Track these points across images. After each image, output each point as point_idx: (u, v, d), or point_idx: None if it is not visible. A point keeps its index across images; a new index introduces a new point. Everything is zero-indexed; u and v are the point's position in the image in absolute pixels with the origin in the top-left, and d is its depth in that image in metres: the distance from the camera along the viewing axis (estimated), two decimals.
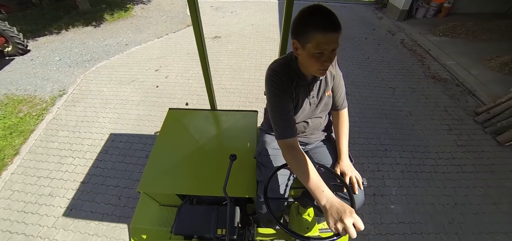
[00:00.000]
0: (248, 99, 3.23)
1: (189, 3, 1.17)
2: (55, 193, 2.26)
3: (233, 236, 1.00)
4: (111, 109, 3.14)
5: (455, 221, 2.05)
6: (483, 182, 2.32)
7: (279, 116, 0.96)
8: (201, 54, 1.42)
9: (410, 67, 3.91)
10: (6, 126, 3.06)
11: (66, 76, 3.95)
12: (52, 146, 2.72)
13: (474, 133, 2.79)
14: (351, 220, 0.70)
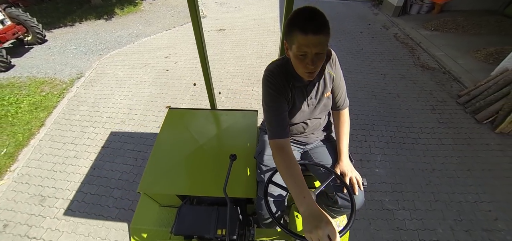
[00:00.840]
0: (249, 81, 3.53)
1: (189, 3, 1.16)
2: (79, 155, 2.57)
3: (233, 237, 1.00)
4: (125, 89, 3.45)
5: (432, 183, 2.31)
6: (460, 153, 2.58)
7: (272, 116, 0.96)
8: (201, 54, 1.41)
9: (401, 58, 4.18)
10: (31, 102, 3.37)
11: (83, 62, 4.27)
12: (74, 118, 3.03)
13: (455, 113, 3.05)
14: (326, 231, 0.67)
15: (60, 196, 2.22)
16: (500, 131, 2.78)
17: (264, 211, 1.14)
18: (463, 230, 1.99)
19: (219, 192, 1.12)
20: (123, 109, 3.10)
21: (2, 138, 2.88)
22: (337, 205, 1.08)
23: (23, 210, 2.15)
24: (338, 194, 1.06)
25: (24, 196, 2.26)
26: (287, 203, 1.19)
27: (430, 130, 2.82)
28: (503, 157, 2.54)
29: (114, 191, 2.23)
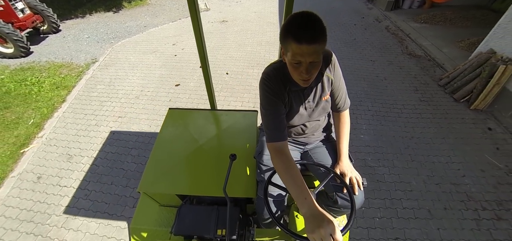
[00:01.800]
0: (250, 64, 3.85)
1: (189, 3, 1.16)
2: (99, 124, 2.89)
3: (233, 237, 1.00)
4: (138, 70, 3.77)
5: (410, 148, 2.63)
6: (437, 124, 2.89)
7: (270, 119, 0.96)
8: (201, 54, 1.39)
9: (390, 47, 4.49)
10: (52, 83, 3.69)
11: (96, 49, 4.59)
12: (92, 95, 3.35)
13: (436, 93, 3.36)
14: (328, 231, 0.68)
15: (85, 155, 2.55)
16: (474, 107, 3.09)
17: (264, 211, 1.14)
18: (434, 183, 2.30)
19: (219, 192, 1.12)
20: (136, 87, 3.42)
21: (28, 112, 3.20)
22: (337, 205, 1.08)
23: (53, 166, 2.47)
24: (338, 194, 1.06)
25: (53, 155, 2.58)
26: (287, 202, 1.20)
27: (412, 107, 3.13)
28: (475, 129, 2.85)
29: (132, 150, 2.56)
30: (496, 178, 2.34)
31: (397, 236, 1.94)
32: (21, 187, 2.31)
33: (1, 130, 2.94)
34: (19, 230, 2.01)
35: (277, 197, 1.11)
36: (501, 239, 1.93)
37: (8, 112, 3.19)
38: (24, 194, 2.26)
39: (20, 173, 2.43)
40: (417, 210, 2.10)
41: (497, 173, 2.38)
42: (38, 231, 1.99)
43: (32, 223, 2.04)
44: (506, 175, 2.37)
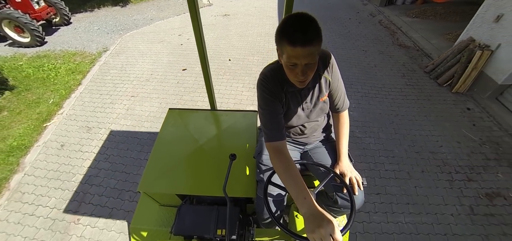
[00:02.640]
0: (251, 52, 4.14)
1: (189, 3, 1.16)
2: (114, 102, 3.18)
3: (233, 236, 0.99)
4: (147, 57, 4.05)
5: (394, 123, 2.90)
6: (420, 105, 3.17)
7: (268, 119, 0.96)
8: (201, 54, 1.39)
9: (382, 38, 4.77)
10: (68, 68, 3.98)
11: (106, 39, 4.87)
12: (106, 78, 3.63)
13: (421, 79, 3.64)
14: (328, 230, 0.68)
15: (102, 127, 2.83)
16: (456, 91, 3.37)
17: (263, 211, 1.15)
18: (414, 152, 2.58)
19: (219, 191, 1.12)
20: (146, 72, 3.71)
21: (47, 93, 3.48)
22: (337, 205, 1.09)
23: (75, 136, 2.76)
24: (338, 194, 1.06)
25: (74, 127, 2.86)
26: (287, 202, 1.20)
27: (398, 90, 3.41)
28: (455, 109, 3.13)
29: (145, 123, 2.84)
30: (470, 148, 2.62)
31: (379, 191, 2.22)
32: (47, 153, 2.60)
33: (24, 108, 3.22)
34: (48, 186, 2.29)
35: (276, 197, 1.11)
36: (470, 195, 2.21)
37: (29, 94, 3.48)
38: (50, 158, 2.54)
39: (45, 142, 2.72)
40: (397, 172, 2.38)
41: (472, 145, 2.66)
42: (65, 186, 2.28)
43: (59, 180, 2.33)
44: (479, 146, 2.65)
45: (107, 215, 2.06)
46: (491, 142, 2.69)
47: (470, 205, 2.15)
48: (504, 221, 2.04)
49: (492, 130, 2.83)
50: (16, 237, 1.96)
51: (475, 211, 2.11)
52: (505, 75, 2.93)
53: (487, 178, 2.35)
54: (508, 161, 2.49)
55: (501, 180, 2.33)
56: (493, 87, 3.08)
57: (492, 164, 2.47)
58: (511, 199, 2.19)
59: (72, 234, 1.95)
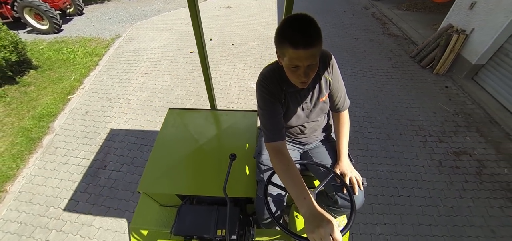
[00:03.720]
0: (252, 38, 4.51)
1: (189, 3, 1.16)
2: (130, 78, 3.54)
3: (233, 237, 1.00)
4: (157, 42, 4.42)
5: (379, 97, 3.26)
6: (403, 83, 3.53)
7: (267, 120, 0.96)
8: (201, 54, 1.38)
9: (374, 28, 5.13)
10: (85, 51, 4.34)
11: (118, 27, 5.24)
12: (121, 59, 4.00)
13: (406, 62, 3.99)
14: (328, 230, 0.67)
15: (121, 97, 3.20)
16: (436, 72, 3.72)
17: (263, 211, 1.15)
18: (394, 119, 2.93)
19: (219, 191, 1.12)
20: (157, 54, 4.07)
21: (68, 72, 3.84)
22: (337, 205, 1.09)
23: (97, 105, 3.12)
24: (338, 194, 1.06)
25: (95, 98, 3.22)
26: (287, 202, 1.20)
27: (385, 71, 3.77)
28: (434, 87, 3.48)
29: (158, 94, 3.21)
30: (444, 117, 2.98)
31: (361, 148, 2.58)
32: (73, 118, 2.96)
33: (49, 83, 3.59)
34: (77, 143, 2.65)
35: (276, 197, 1.11)
36: (440, 153, 2.56)
37: (51, 72, 3.84)
38: (77, 122, 2.90)
39: (71, 110, 3.08)
40: (378, 134, 2.74)
41: (446, 115, 3.02)
42: (91, 142, 2.64)
43: (86, 138, 2.69)
44: (453, 116, 3.00)
45: (129, 163, 2.42)
46: (463, 113, 3.05)
47: (439, 160, 2.50)
48: (467, 172, 2.40)
49: (465, 104, 3.18)
50: (54, 180, 2.32)
51: (443, 164, 2.47)
52: (478, 56, 3.28)
53: (456, 140, 2.70)
54: (476, 127, 2.85)
55: (468, 142, 2.69)
56: (468, 67, 3.43)
57: (462, 130, 2.83)
58: (475, 156, 2.55)
59: (100, 176, 2.32)
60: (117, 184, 2.25)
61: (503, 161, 2.49)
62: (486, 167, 2.44)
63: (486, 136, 2.76)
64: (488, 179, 2.34)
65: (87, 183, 2.27)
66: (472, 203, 2.16)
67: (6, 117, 3.05)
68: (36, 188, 2.27)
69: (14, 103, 3.24)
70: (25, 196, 2.22)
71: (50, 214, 2.08)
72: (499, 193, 2.23)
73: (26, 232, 1.99)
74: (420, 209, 2.12)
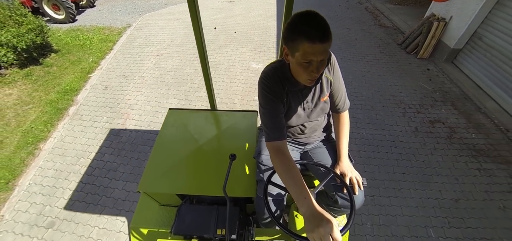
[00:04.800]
0: (253, 27, 4.87)
1: (189, 3, 1.16)
2: (143, 59, 3.91)
3: (233, 236, 1.00)
4: (166, 30, 4.79)
5: (365, 76, 3.62)
6: (389, 66, 3.88)
7: (269, 118, 0.96)
8: (201, 54, 1.38)
9: (366, 20, 5.49)
10: (100, 38, 4.70)
11: (128, 18, 5.61)
12: (134, 44, 4.36)
13: (394, 49, 4.35)
14: (328, 230, 0.68)
15: (136, 75, 3.56)
16: (420, 57, 4.08)
17: (263, 211, 1.16)
18: (379, 94, 3.29)
19: (218, 191, 1.12)
20: (167, 39, 4.44)
21: (85, 55, 4.21)
22: (337, 205, 1.09)
23: (115, 81, 3.48)
24: (338, 194, 1.06)
25: (113, 76, 3.59)
26: (287, 202, 1.21)
27: (373, 56, 4.13)
28: (417, 69, 3.83)
29: (169, 72, 3.58)
30: (423, 94, 3.34)
31: None
32: (95, 92, 3.32)
33: (69, 65, 3.95)
34: (99, 111, 3.02)
35: (276, 197, 1.11)
36: (417, 121, 2.92)
37: (70, 55, 4.21)
38: (98, 95, 3.27)
39: (92, 85, 3.44)
40: (363, 105, 3.10)
41: (425, 92, 3.37)
42: (112, 110, 3.01)
43: (107, 108, 3.05)
44: (431, 93, 3.36)
45: (146, 125, 2.79)
46: (441, 90, 3.41)
47: (415, 126, 2.86)
48: (439, 136, 2.75)
49: (444, 84, 3.54)
50: (82, 139, 2.69)
51: (419, 129, 2.83)
52: (455, 41, 3.64)
53: (432, 112, 3.06)
54: (451, 102, 3.21)
55: (443, 113, 3.05)
56: (448, 52, 3.79)
57: (438, 104, 3.18)
58: (447, 124, 2.90)
59: (122, 135, 2.68)
60: (136, 141, 2.61)
61: (472, 129, 2.85)
62: (456, 133, 2.80)
63: (459, 109, 3.11)
64: (457, 142, 2.70)
65: (111, 140, 2.64)
66: (441, 159, 2.52)
67: (34, 92, 3.41)
68: (67, 145, 2.64)
69: (40, 80, 3.61)
70: (58, 151, 2.58)
71: (81, 163, 2.45)
72: (465, 152, 2.59)
73: (61, 176, 2.35)
74: (395, 162, 2.48)
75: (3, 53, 3.47)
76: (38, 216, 2.08)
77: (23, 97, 3.32)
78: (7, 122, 2.96)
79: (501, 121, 2.92)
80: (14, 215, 2.10)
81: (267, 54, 4.12)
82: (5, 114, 3.05)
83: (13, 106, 3.17)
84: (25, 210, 2.13)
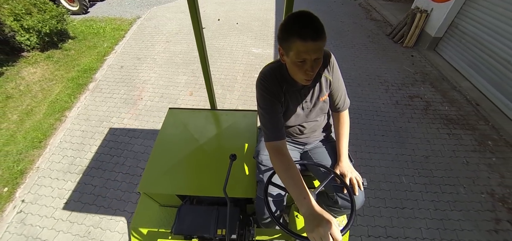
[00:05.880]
0: (253, 19, 5.27)
1: (189, 3, 1.16)
2: (154, 44, 4.29)
3: (233, 236, 1.00)
4: (173, 21, 5.18)
5: (354, 60, 4.01)
6: (376, 53, 4.28)
7: (267, 119, 0.96)
8: (201, 54, 1.39)
9: (358, 14, 5.90)
10: (112, 27, 5.08)
11: (137, 10, 6.00)
12: (145, 32, 4.75)
13: (382, 39, 4.75)
14: (328, 229, 0.69)
15: (148, 57, 3.94)
16: (406, 45, 4.47)
17: (263, 211, 1.16)
18: (365, 74, 3.68)
19: (219, 192, 1.13)
20: (175, 29, 4.83)
21: (100, 42, 4.59)
22: (337, 205, 1.10)
23: (129, 62, 3.86)
24: (338, 194, 1.06)
25: (127, 57, 3.97)
26: (287, 202, 1.21)
27: (362, 44, 4.52)
28: (402, 56, 4.23)
29: (179, 55, 3.97)
30: (406, 75, 3.72)
31: None
32: (111, 71, 3.70)
33: (85, 49, 4.33)
34: (117, 85, 3.39)
35: (276, 197, 1.12)
36: (398, 96, 3.30)
37: (86, 41, 4.58)
38: (115, 73, 3.64)
39: (109, 65, 3.82)
40: (351, 83, 3.49)
41: (407, 74, 3.76)
42: (128, 85, 3.38)
43: (124, 82, 3.43)
44: (413, 74, 3.75)
45: (160, 96, 3.17)
46: (422, 73, 3.80)
47: (396, 100, 3.25)
48: (416, 108, 3.13)
49: (425, 67, 3.93)
50: (103, 107, 3.06)
51: (399, 102, 3.21)
52: (435, 29, 4.04)
53: (412, 89, 3.45)
54: (430, 82, 3.59)
55: (422, 90, 3.43)
56: (429, 40, 4.19)
57: (418, 83, 3.57)
58: (425, 99, 3.29)
59: (139, 104, 3.06)
60: (152, 108, 2.99)
61: (446, 103, 3.24)
62: (432, 106, 3.18)
63: (437, 87, 3.50)
64: (432, 113, 3.08)
65: (129, 108, 3.01)
66: (416, 125, 2.90)
67: (55, 71, 3.79)
68: (90, 112, 3.01)
69: (60, 62, 3.98)
70: (82, 116, 2.95)
71: (104, 126, 2.82)
72: (438, 121, 2.97)
73: (88, 135, 2.72)
74: (376, 127, 2.86)
75: (27, 37, 3.85)
76: (70, 165, 2.45)
77: (46, 75, 3.69)
78: (35, 95, 3.33)
79: (473, 97, 3.31)
80: (49, 165, 2.47)
81: (266, 41, 4.51)
82: (32, 88, 3.43)
83: (38, 82, 3.54)
84: (59, 161, 2.49)
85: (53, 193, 2.22)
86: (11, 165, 2.47)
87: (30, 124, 2.90)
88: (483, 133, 2.82)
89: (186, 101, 3.11)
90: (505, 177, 2.39)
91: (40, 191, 2.24)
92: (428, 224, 2.05)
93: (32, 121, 2.94)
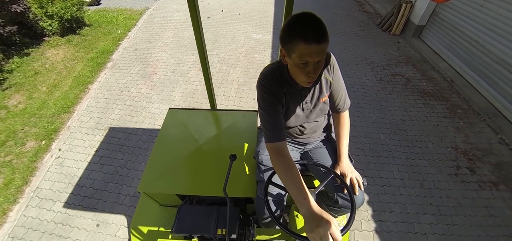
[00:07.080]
0: (254, 10, 5.71)
1: (189, 3, 1.16)
2: (164, 31, 4.73)
3: (233, 236, 1.00)
4: (180, 12, 5.62)
5: (344, 45, 4.43)
6: (366, 40, 4.70)
7: (268, 120, 0.96)
8: (201, 54, 1.39)
9: (352, 7, 6.34)
10: (124, 17, 5.52)
11: (146, 3, 6.43)
12: (154, 20, 5.19)
13: (372, 28, 5.18)
14: (328, 230, 0.69)
15: (159, 41, 4.37)
16: (393, 33, 4.90)
17: (263, 211, 1.17)
18: (353, 56, 4.10)
19: (219, 191, 1.13)
20: (182, 18, 5.27)
21: (114, 29, 5.01)
22: (337, 205, 1.11)
23: (142, 45, 4.30)
24: (338, 194, 1.07)
25: (140, 41, 4.40)
26: (287, 202, 1.22)
27: (353, 32, 4.95)
28: (389, 42, 4.65)
29: (187, 39, 4.40)
30: (390, 57, 4.15)
31: None
32: (127, 52, 4.13)
33: (101, 35, 4.76)
34: (133, 64, 3.82)
35: (276, 197, 1.12)
36: (382, 74, 3.72)
37: (101, 28, 5.02)
38: (130, 54, 4.07)
39: (124, 48, 4.25)
40: (340, 63, 3.88)
41: (392, 57, 4.18)
42: (143, 63, 3.81)
43: (139, 61, 3.86)
44: (397, 57, 4.17)
45: (171, 73, 3.59)
46: (405, 56, 4.22)
47: (380, 77, 3.67)
48: (397, 83, 3.55)
49: (409, 52, 4.36)
50: (122, 80, 3.49)
51: (382, 79, 3.63)
52: (419, 18, 4.46)
53: (395, 69, 3.87)
54: (412, 64, 4.01)
55: (404, 70, 3.85)
56: (414, 28, 4.61)
57: (401, 64, 3.99)
58: (405, 76, 3.70)
59: (153, 77, 3.48)
60: (165, 81, 3.42)
61: (425, 80, 3.66)
62: (411, 82, 3.60)
63: (417, 67, 3.92)
64: (411, 87, 3.50)
65: (145, 81, 3.44)
66: (396, 97, 3.32)
67: (76, 53, 4.21)
68: (111, 84, 3.43)
69: (80, 45, 4.41)
70: (104, 87, 3.38)
71: (124, 94, 3.24)
72: (416, 94, 3.38)
73: (110, 102, 3.14)
74: (361, 97, 3.28)
75: (49, 22, 4.28)
76: (98, 123, 2.87)
77: (68, 56, 4.12)
78: (59, 71, 3.75)
79: (448, 75, 3.73)
80: (79, 124, 2.89)
81: (265, 29, 4.94)
82: (56, 66, 3.85)
83: (61, 61, 3.97)
84: (87, 121, 2.91)
85: (85, 144, 2.64)
86: (45, 125, 2.89)
87: (59, 94, 3.32)
88: (454, 103, 3.24)
89: (195, 75, 3.54)
90: (469, 136, 2.80)
91: (73, 143, 2.66)
92: (399, 169, 2.46)
93: (60, 92, 3.37)
